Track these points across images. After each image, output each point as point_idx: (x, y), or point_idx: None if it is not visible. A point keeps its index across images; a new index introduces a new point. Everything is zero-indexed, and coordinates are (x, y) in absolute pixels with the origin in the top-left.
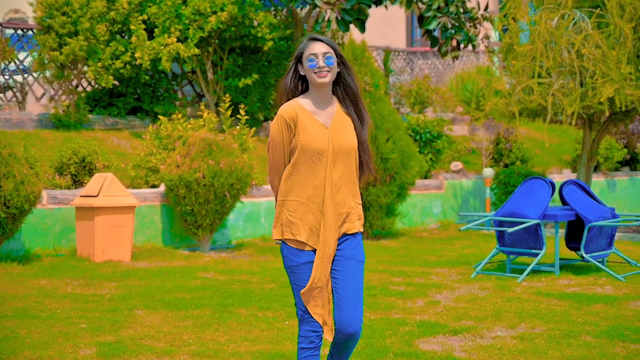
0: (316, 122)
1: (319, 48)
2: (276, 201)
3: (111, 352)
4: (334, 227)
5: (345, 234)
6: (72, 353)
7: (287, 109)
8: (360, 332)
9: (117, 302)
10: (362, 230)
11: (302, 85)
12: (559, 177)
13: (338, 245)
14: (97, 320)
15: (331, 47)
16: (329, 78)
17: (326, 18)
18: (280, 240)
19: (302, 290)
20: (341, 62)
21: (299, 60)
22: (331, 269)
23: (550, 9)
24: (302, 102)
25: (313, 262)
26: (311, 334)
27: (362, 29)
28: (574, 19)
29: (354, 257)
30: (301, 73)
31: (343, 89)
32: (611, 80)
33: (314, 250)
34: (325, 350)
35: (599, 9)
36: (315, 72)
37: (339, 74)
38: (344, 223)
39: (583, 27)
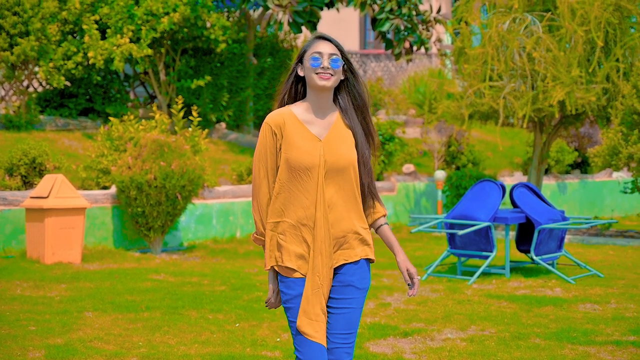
0: (307, 133)
1: (325, 47)
2: (263, 228)
3: (60, 354)
4: (325, 254)
5: (345, 263)
6: (21, 355)
7: (275, 116)
8: None
9: (67, 304)
10: (370, 257)
11: (301, 89)
12: (511, 179)
13: (338, 270)
14: (46, 322)
15: (339, 49)
16: (331, 82)
17: (278, 20)
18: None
19: (296, 325)
20: (349, 68)
21: (300, 60)
22: (328, 297)
23: (501, 12)
24: (295, 110)
25: None
26: None
27: (314, 31)
28: (525, 22)
29: (352, 284)
30: (300, 74)
31: (351, 98)
32: (562, 83)
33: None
34: None
35: (549, 12)
36: (317, 73)
37: (345, 82)
38: (341, 249)
39: (534, 30)
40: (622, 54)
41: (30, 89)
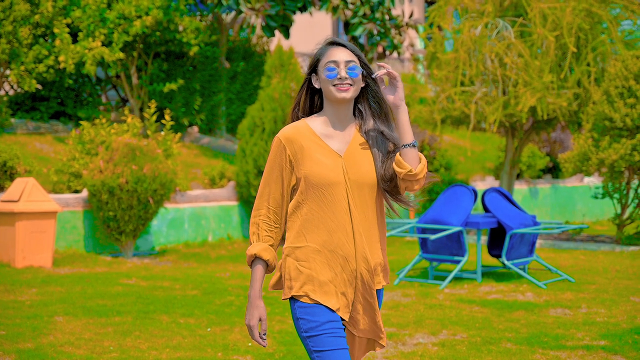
0: (326, 148)
1: (340, 55)
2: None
3: (30, 359)
4: (370, 286)
5: None
6: None
7: (289, 129)
8: None
9: (38, 309)
10: (387, 282)
11: (318, 102)
12: (482, 184)
13: None
14: (16, 327)
15: (356, 54)
16: (351, 93)
17: (251, 24)
18: (274, 289)
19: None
20: (368, 74)
21: (314, 69)
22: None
23: (473, 17)
24: (312, 124)
25: (337, 321)
26: None
27: (287, 35)
28: (497, 27)
29: None
30: (315, 86)
31: (372, 106)
32: (533, 89)
33: (330, 310)
34: None
35: (521, 18)
36: (334, 85)
37: (365, 88)
38: None
39: (506, 36)
40: (593, 58)
41: (2, 92)
